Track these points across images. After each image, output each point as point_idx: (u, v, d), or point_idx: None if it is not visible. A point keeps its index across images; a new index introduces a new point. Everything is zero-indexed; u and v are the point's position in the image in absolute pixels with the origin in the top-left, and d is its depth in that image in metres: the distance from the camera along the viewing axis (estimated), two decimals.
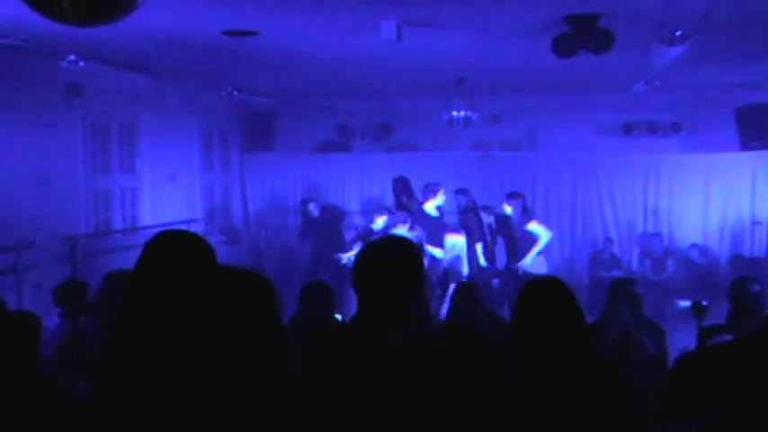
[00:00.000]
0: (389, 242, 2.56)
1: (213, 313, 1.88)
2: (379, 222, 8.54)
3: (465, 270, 8.23)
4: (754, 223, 10.92)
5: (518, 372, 2.51)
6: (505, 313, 6.64)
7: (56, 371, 3.63)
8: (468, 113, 9.86)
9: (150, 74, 8.49)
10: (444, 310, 6.65)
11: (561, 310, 2.59)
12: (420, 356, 1.86)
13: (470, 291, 5.33)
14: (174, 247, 2.10)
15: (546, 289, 2.70)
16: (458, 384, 1.82)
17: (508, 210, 8.50)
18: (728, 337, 3.88)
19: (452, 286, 6.14)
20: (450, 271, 8.06)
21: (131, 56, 7.47)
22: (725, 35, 6.49)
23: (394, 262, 2.38)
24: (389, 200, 10.65)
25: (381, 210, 8.92)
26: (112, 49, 7.03)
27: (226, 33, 6.38)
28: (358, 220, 11.29)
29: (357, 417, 2.12)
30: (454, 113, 9.87)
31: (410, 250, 2.46)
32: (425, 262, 7.90)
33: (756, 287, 4.53)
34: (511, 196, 8.60)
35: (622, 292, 4.91)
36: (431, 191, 8.20)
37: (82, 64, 7.02)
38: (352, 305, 2.44)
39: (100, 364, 2.04)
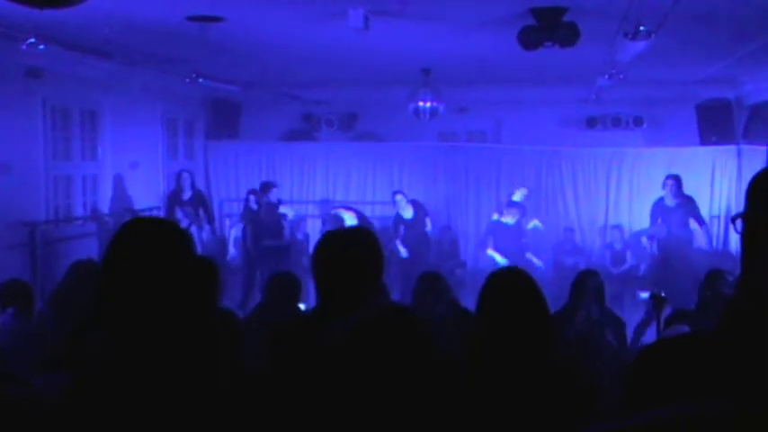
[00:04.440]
0: (347, 233, 2.57)
1: (177, 301, 1.87)
2: (510, 219, 8.90)
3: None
4: (712, 217, 11.15)
5: (483, 361, 2.53)
6: None
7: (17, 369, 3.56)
8: (434, 104, 9.87)
9: (113, 59, 8.33)
10: None
11: (525, 301, 2.62)
12: (358, 341, 1.90)
13: (433, 280, 5.33)
14: (144, 234, 2.06)
15: (509, 279, 2.73)
16: (397, 363, 1.85)
17: None
18: (685, 328, 3.96)
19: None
20: None
21: (94, 40, 7.32)
22: (687, 31, 6.59)
23: (352, 252, 2.40)
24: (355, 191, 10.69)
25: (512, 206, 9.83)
26: (74, 33, 6.88)
27: (191, 19, 6.28)
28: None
29: (311, 409, 2.13)
30: (420, 104, 9.88)
31: (368, 240, 2.48)
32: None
33: (731, 278, 4.63)
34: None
35: (589, 284, 4.95)
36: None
37: (42, 47, 6.83)
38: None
39: (67, 355, 2.01)
